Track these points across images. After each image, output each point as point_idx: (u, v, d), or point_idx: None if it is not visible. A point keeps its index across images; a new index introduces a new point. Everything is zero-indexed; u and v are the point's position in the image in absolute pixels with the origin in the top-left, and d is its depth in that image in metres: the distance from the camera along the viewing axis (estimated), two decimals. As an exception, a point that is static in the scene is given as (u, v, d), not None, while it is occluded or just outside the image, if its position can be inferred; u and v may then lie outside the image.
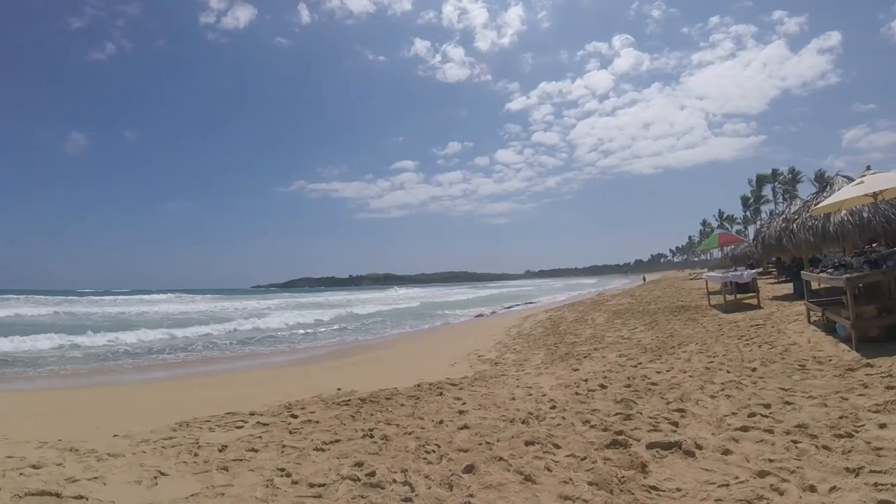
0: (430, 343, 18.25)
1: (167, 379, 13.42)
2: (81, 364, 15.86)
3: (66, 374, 14.26)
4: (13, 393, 12.03)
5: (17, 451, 6.27)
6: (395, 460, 4.98)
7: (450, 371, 10.50)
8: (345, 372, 12.18)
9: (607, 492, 3.91)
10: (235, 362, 16.09)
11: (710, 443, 4.82)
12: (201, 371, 14.46)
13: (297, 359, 16.10)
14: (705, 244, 29.75)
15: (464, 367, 11.11)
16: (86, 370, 14.87)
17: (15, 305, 44.87)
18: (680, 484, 4.01)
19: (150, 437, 6.79)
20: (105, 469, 5.50)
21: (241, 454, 5.74)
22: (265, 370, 14.11)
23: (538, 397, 7.31)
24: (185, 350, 18.39)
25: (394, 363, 13.21)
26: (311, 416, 7.42)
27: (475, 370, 10.52)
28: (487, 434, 5.56)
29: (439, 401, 7.57)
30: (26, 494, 4.73)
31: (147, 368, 15.14)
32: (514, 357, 11.97)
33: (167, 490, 4.83)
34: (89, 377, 13.84)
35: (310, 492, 4.42)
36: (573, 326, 17.26)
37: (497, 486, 4.09)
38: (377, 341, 19.89)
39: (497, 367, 10.77)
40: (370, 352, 16.39)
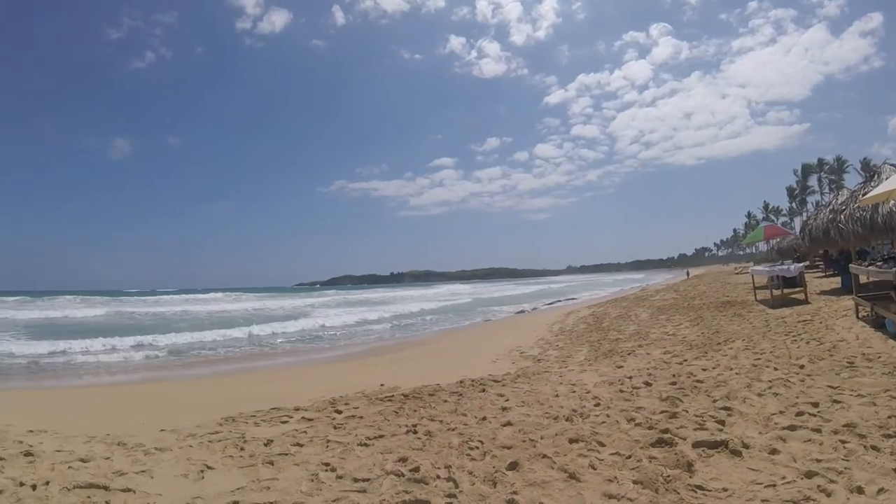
0: (471, 340, 18.21)
1: (213, 375, 13.62)
2: (136, 360, 16.26)
3: (115, 371, 14.58)
4: (62, 389, 12.34)
5: (66, 445, 6.41)
6: (438, 456, 4.98)
7: (492, 368, 10.48)
8: (387, 368, 12.23)
9: (652, 491, 3.86)
10: (279, 358, 16.27)
11: (757, 442, 4.73)
12: (246, 367, 14.64)
13: (339, 355, 16.19)
14: (751, 237, 29.12)
15: (506, 363, 11.08)
16: (134, 366, 15.19)
17: (72, 305, 45.88)
18: (726, 484, 3.95)
19: (197, 431, 6.89)
20: (152, 463, 5.59)
21: (287, 448, 5.80)
22: (309, 366, 14.23)
23: (582, 394, 7.24)
24: (235, 347, 18.75)
25: (435, 360, 13.20)
26: (354, 411, 7.46)
27: (518, 367, 10.48)
28: (531, 431, 5.52)
29: (482, 397, 7.56)
30: (75, 487, 4.83)
31: (193, 365, 15.40)
32: (557, 354, 11.89)
33: (213, 483, 4.89)
34: (137, 373, 14.14)
35: (354, 486, 4.44)
36: (616, 323, 17.08)
37: (541, 483, 4.06)
38: (419, 338, 19.94)
39: (540, 363, 10.71)
40: (412, 348, 16.43)
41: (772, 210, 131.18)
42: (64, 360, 15.88)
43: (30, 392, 12.04)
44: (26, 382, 13.29)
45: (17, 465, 5.62)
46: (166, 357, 16.70)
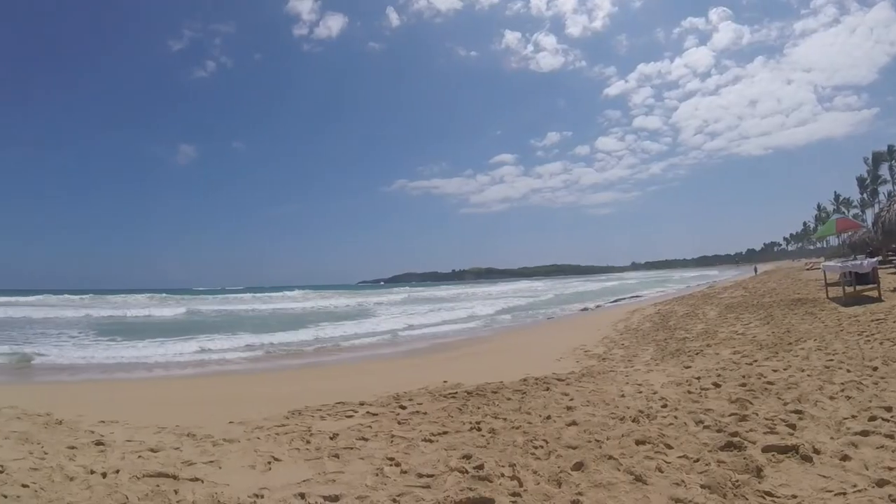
0: (534, 337, 18.11)
1: (282, 369, 13.86)
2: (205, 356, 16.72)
3: (186, 365, 14.98)
4: (133, 382, 12.71)
5: (137, 435, 6.60)
6: (502, 454, 4.95)
7: (556, 366, 10.40)
8: (450, 365, 12.26)
9: (720, 496, 3.77)
10: (342, 354, 16.46)
11: (828, 447, 4.57)
12: (312, 362, 14.86)
13: (402, 351, 16.33)
14: (822, 231, 28.26)
15: (570, 362, 10.98)
16: (205, 361, 15.58)
17: (151, 305, 47.11)
18: (796, 490, 3.83)
19: (264, 424, 7.01)
20: (220, 453, 5.71)
21: (352, 442, 5.85)
22: (373, 362, 14.36)
23: (649, 395, 7.11)
24: (312, 344, 19.06)
25: (498, 357, 13.19)
26: (418, 407, 7.49)
27: (582, 365, 10.38)
28: (596, 431, 5.44)
29: (546, 396, 7.49)
30: (144, 475, 4.96)
31: (263, 360, 15.71)
32: (623, 353, 11.74)
33: (280, 475, 4.97)
34: (206, 367, 14.49)
35: (418, 482, 4.45)
36: (683, 321, 16.70)
37: (607, 485, 4.00)
38: (480, 335, 19.92)
39: (605, 362, 10.59)
40: (474, 346, 16.45)
41: (842, 201, 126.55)
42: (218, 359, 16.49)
43: (101, 384, 12.45)
44: (98, 375, 13.75)
45: (89, 453, 5.81)
46: (263, 352, 17.21)
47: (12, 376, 13.71)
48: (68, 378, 13.36)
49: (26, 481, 4.78)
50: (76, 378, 13.33)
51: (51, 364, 15.19)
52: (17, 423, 7.23)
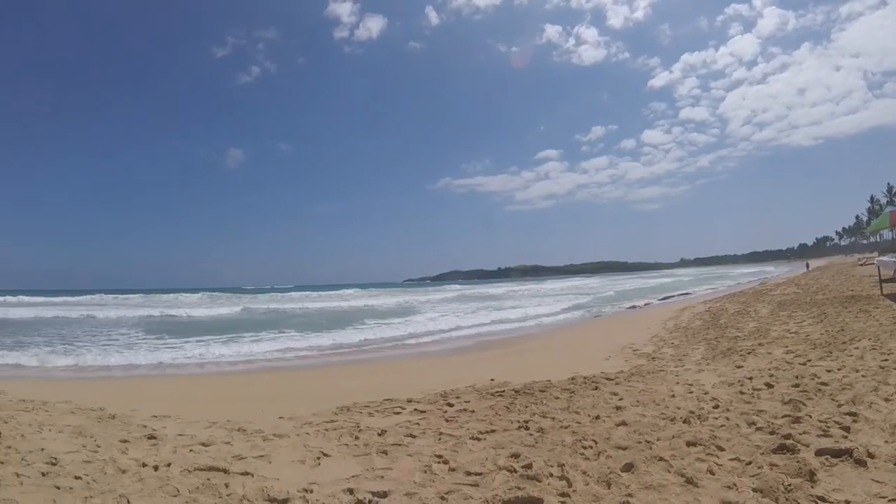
0: (581, 336, 17.98)
1: (330, 366, 14.00)
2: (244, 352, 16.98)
3: (237, 362, 15.25)
4: (184, 378, 12.98)
5: (188, 429, 6.75)
6: (551, 454, 4.94)
7: (604, 365, 10.34)
8: (496, 363, 12.27)
9: (772, 500, 3.71)
10: (389, 351, 16.56)
11: (883, 451, 4.47)
12: (359, 359, 15.01)
13: (448, 349, 16.38)
14: (875, 225, 27.09)
15: (619, 361, 10.91)
16: (252, 358, 15.83)
17: (206, 304, 47.86)
18: (849, 496, 3.76)
19: (313, 420, 7.11)
20: (270, 448, 5.80)
21: (400, 439, 5.90)
22: (419, 359, 14.45)
23: (700, 395, 6.99)
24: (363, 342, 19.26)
25: (545, 355, 13.14)
26: (466, 405, 7.51)
27: (631, 365, 10.30)
28: (647, 432, 5.39)
29: (595, 395, 7.44)
30: (195, 469, 5.07)
31: (312, 357, 15.91)
32: (673, 352, 11.61)
33: (329, 470, 5.03)
34: (255, 364, 14.72)
35: (467, 480, 4.47)
36: (735, 319, 16.40)
37: (657, 486, 3.96)
38: (527, 333, 19.85)
39: (654, 361, 10.49)
40: (521, 344, 16.40)
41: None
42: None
43: (153, 380, 12.78)
44: (150, 371, 14.10)
45: (141, 447, 5.95)
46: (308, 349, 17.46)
47: (67, 371, 14.12)
48: (122, 374, 13.72)
49: (79, 473, 4.91)
50: (129, 374, 13.68)
51: (102, 363, 15.60)
52: (70, 417, 7.44)
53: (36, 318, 30.67)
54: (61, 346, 19.05)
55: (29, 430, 6.57)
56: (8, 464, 5.17)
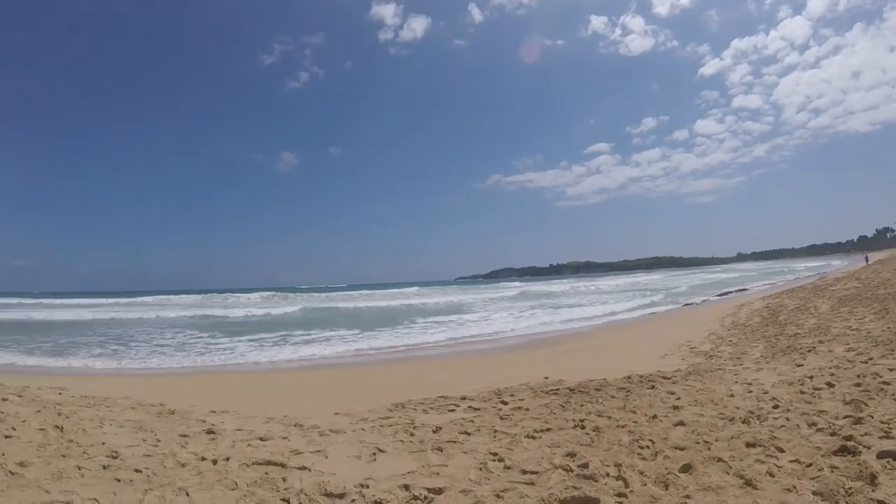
0: (637, 333, 17.76)
1: (382, 363, 14.14)
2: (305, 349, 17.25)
3: (292, 359, 15.50)
4: (242, 374, 13.25)
5: (246, 424, 6.91)
6: (607, 453, 4.92)
7: (661, 363, 10.25)
8: (550, 361, 12.23)
9: (832, 503, 3.67)
10: (442, 348, 16.61)
11: (949, 455, 4.36)
12: (414, 356, 15.11)
13: (502, 346, 16.36)
14: None
15: (675, 359, 10.79)
16: (307, 355, 16.06)
17: (268, 304, 48.43)
18: (911, 500, 3.67)
19: (369, 416, 7.21)
20: (327, 444, 5.91)
21: (455, 436, 5.95)
22: (472, 357, 14.50)
23: (759, 395, 6.86)
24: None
25: (600, 353, 13.03)
26: (520, 403, 7.52)
27: (688, 363, 10.18)
28: (705, 432, 5.33)
29: (651, 394, 7.39)
30: (253, 463, 5.20)
31: (367, 354, 16.09)
32: (731, 350, 11.42)
33: (385, 466, 5.11)
34: (309, 361, 14.95)
35: (522, 478, 4.48)
36: (794, 315, 16.03)
37: (716, 488, 3.91)
38: (581, 331, 19.71)
39: (712, 360, 10.33)
40: (575, 342, 16.30)
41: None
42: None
43: (211, 377, 13.11)
44: (208, 368, 14.50)
45: (200, 441, 6.12)
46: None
47: (126, 369, 14.54)
48: (180, 371, 14.08)
49: (139, 466, 5.09)
50: (187, 371, 14.03)
51: (161, 360, 16.06)
52: (131, 413, 7.67)
53: (93, 318, 31.82)
54: (120, 345, 19.80)
55: (90, 424, 6.79)
56: (70, 457, 5.36)
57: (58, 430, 6.40)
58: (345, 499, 4.32)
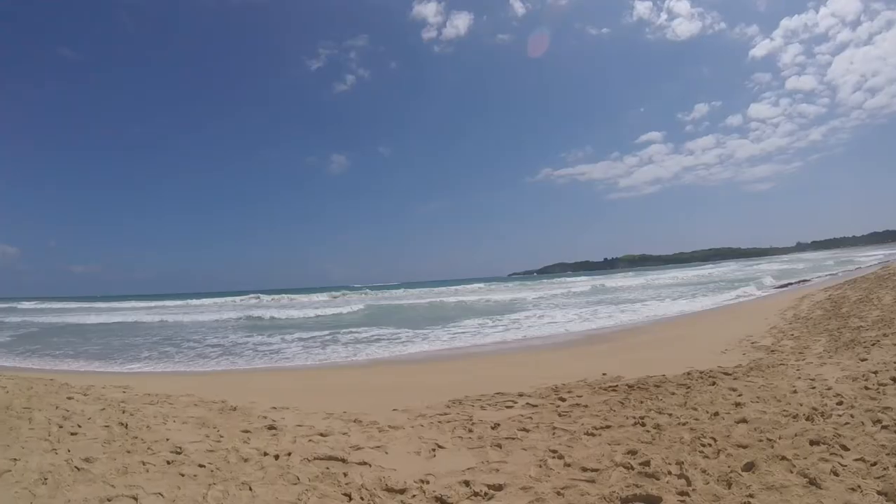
0: (695, 328, 17.44)
1: (438, 360, 14.22)
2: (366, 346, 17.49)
3: (351, 355, 15.71)
4: (301, 371, 13.48)
5: (306, 420, 7.09)
6: (669, 451, 4.92)
7: (721, 359, 10.10)
8: (607, 357, 12.15)
9: (898, 504, 3.61)
10: (497, 345, 16.61)
11: None
12: (469, 353, 15.20)
13: (558, 342, 16.26)
14: None
15: (736, 354, 10.63)
16: (367, 352, 16.30)
17: (335, 303, 48.81)
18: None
19: (427, 412, 7.32)
20: (386, 439, 6.04)
21: (514, 433, 6.01)
22: (528, 353, 14.44)
23: (822, 391, 6.73)
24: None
25: (658, 349, 12.88)
26: (578, 399, 7.53)
27: (749, 358, 10.01)
28: (768, 430, 5.26)
29: (712, 391, 7.31)
30: (315, 458, 5.35)
31: (423, 350, 16.19)
32: (793, 344, 11.17)
33: (445, 462, 5.21)
34: (367, 357, 15.12)
35: (583, 476, 4.52)
36: (857, 308, 15.51)
37: (779, 487, 3.88)
38: (638, 325, 19.52)
39: (774, 355, 10.13)
40: (632, 337, 16.17)
41: None
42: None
43: (271, 374, 13.44)
44: (266, 364, 14.88)
45: (262, 437, 6.31)
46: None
47: (190, 367, 14.93)
48: (244, 367, 14.41)
49: (203, 462, 5.29)
50: (248, 368, 14.35)
51: (224, 358, 16.56)
52: (194, 409, 7.91)
53: (161, 321, 32.47)
54: (174, 346, 20.38)
55: (154, 421, 7.04)
56: (134, 453, 5.58)
57: (122, 427, 6.65)
58: (405, 494, 4.42)
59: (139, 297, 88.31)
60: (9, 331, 28.65)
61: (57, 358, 18.12)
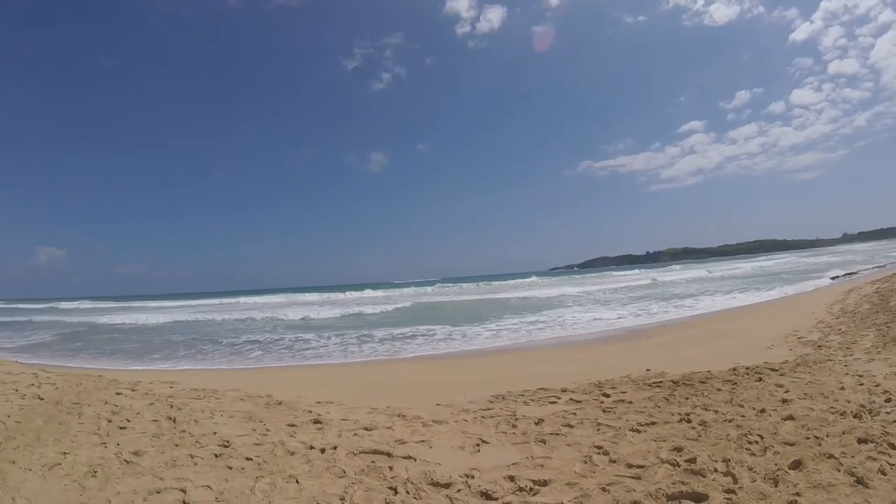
0: (741, 322, 17.19)
1: (480, 355, 14.29)
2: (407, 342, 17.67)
3: (392, 350, 15.87)
4: (344, 366, 13.66)
5: (351, 415, 7.21)
6: (715, 448, 4.89)
7: (767, 354, 10.01)
8: (651, 352, 12.10)
9: (947, 503, 3.57)
10: (540, 340, 16.61)
11: None
12: (510, 347, 15.25)
13: (600, 337, 16.25)
14: None
15: (782, 349, 10.50)
16: (404, 347, 16.46)
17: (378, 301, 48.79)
18: None
19: (470, 407, 7.39)
20: (430, 434, 6.11)
21: (557, 429, 6.04)
22: (569, 348, 14.42)
23: (871, 388, 6.63)
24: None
25: (703, 344, 12.77)
26: (622, 395, 7.53)
27: (796, 354, 9.90)
28: (815, 427, 5.20)
29: (759, 387, 7.22)
30: (360, 452, 5.46)
31: (465, 346, 16.26)
32: (840, 339, 11.02)
33: (489, 457, 5.27)
34: (408, 353, 15.24)
35: (628, 472, 4.53)
36: (907, 301, 15.30)
37: (826, 486, 3.85)
38: (681, 320, 19.36)
39: (821, 350, 10.02)
40: (675, 332, 16.06)
41: None
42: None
43: (312, 369, 13.69)
44: (307, 361, 15.14)
45: (307, 431, 6.43)
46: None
47: (232, 364, 15.18)
48: (289, 363, 14.62)
49: (250, 455, 5.43)
50: (288, 364, 14.58)
51: (273, 354, 16.81)
52: (240, 404, 8.08)
53: (206, 320, 33.10)
54: (227, 341, 20.96)
55: (202, 415, 7.21)
56: (182, 446, 5.74)
57: (170, 421, 6.83)
58: (451, 488, 4.48)
59: (181, 296, 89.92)
60: (51, 330, 29.50)
61: (101, 355, 18.76)
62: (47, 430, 6.48)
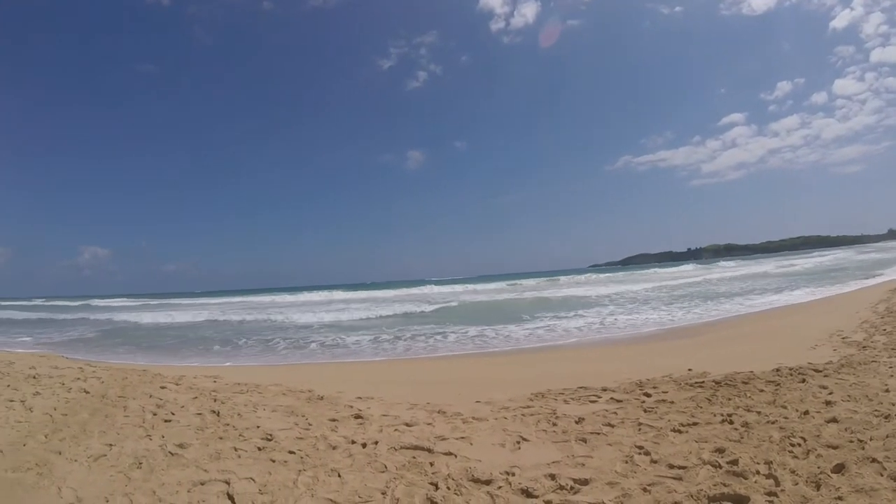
0: (783, 322, 16.96)
1: (518, 352, 14.31)
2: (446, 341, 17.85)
3: (432, 348, 16.03)
4: (382, 363, 13.80)
5: (391, 410, 7.32)
6: (757, 450, 4.88)
7: (811, 355, 9.86)
8: (693, 351, 12.02)
9: None
10: (580, 339, 16.56)
11: None
12: (550, 347, 15.22)
13: (640, 336, 16.14)
14: None
15: (826, 350, 10.34)
16: (445, 345, 16.56)
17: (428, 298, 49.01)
18: None
19: (510, 405, 7.44)
20: (470, 431, 6.18)
21: (598, 428, 6.06)
22: (610, 347, 14.37)
23: (916, 390, 6.52)
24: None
25: (745, 343, 12.64)
26: (664, 395, 7.50)
27: (840, 354, 9.72)
28: (859, 430, 5.15)
29: (802, 388, 7.16)
30: (401, 447, 5.55)
31: (504, 344, 16.29)
32: (885, 340, 10.79)
33: (529, 455, 5.32)
34: (448, 350, 15.32)
35: (670, 472, 4.55)
36: (955, 301, 14.94)
37: (868, 490, 3.83)
38: (723, 319, 19.13)
39: (865, 351, 9.82)
40: (718, 331, 15.90)
41: None
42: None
43: (352, 365, 13.95)
44: (347, 358, 15.31)
45: (349, 426, 6.56)
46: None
47: (272, 359, 15.41)
48: (324, 360, 14.81)
49: (293, 448, 5.58)
50: (329, 360, 14.75)
51: (314, 349, 17.25)
52: (282, 399, 8.24)
53: (255, 319, 33.44)
54: (270, 336, 21.39)
55: (245, 409, 7.39)
56: (226, 439, 5.90)
57: (214, 415, 7.01)
58: (491, 485, 4.54)
59: (223, 294, 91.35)
60: (93, 327, 30.20)
61: (139, 350, 19.23)
62: (93, 422, 6.71)
